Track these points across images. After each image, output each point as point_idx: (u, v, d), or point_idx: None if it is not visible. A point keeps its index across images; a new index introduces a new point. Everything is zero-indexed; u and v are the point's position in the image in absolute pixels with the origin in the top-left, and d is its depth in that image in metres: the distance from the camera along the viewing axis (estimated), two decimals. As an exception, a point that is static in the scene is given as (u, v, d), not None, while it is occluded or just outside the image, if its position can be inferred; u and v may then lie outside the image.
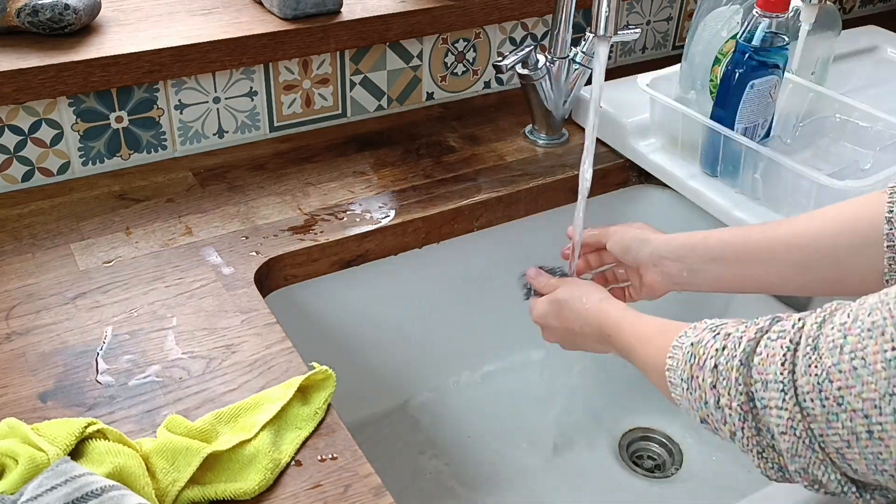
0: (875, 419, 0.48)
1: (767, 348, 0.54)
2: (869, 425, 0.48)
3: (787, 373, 0.52)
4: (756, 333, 0.56)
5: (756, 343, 0.56)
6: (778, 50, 0.92)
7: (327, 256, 0.90)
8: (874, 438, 0.48)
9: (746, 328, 0.57)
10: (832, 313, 0.52)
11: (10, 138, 0.92)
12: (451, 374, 1.12)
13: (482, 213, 0.98)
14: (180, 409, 0.68)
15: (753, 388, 0.54)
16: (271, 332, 0.76)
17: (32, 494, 0.54)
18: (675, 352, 0.62)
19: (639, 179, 1.09)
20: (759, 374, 0.54)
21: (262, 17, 1.01)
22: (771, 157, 0.90)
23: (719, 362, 0.57)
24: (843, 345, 0.50)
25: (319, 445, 0.66)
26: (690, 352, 0.60)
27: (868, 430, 0.48)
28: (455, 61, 1.16)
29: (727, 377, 0.56)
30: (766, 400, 0.53)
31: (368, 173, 1.01)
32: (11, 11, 0.91)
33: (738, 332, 0.58)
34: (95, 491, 0.55)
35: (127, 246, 0.86)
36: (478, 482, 1.02)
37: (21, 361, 0.72)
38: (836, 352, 0.50)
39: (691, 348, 0.60)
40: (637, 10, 1.28)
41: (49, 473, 0.55)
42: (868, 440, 0.49)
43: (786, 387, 0.52)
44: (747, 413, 0.55)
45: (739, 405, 0.55)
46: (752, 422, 0.55)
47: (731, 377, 0.56)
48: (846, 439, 0.50)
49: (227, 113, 1.03)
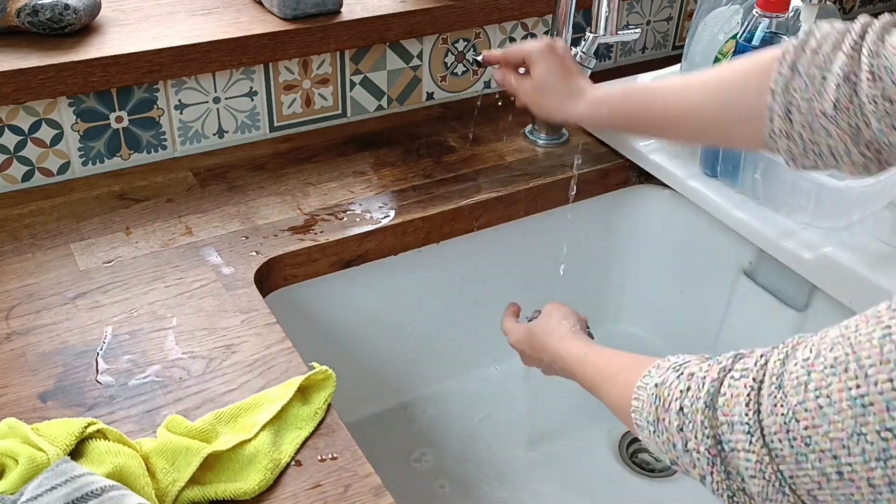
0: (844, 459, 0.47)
1: (731, 388, 0.53)
2: (839, 466, 0.47)
3: (753, 413, 0.51)
4: (719, 373, 0.55)
5: (720, 383, 0.55)
6: (778, 50, 0.92)
7: (327, 256, 0.90)
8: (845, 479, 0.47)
9: (710, 367, 0.57)
10: (794, 348, 0.51)
11: (10, 138, 0.92)
12: (451, 374, 1.12)
13: (482, 213, 0.98)
14: (180, 409, 0.68)
15: (720, 430, 0.53)
16: (271, 332, 0.76)
17: (32, 494, 0.54)
18: (640, 393, 0.61)
19: (639, 179, 1.09)
20: (724, 415, 0.53)
21: (262, 17, 1.01)
22: (771, 156, 0.90)
23: (684, 404, 0.56)
24: (807, 382, 0.48)
25: (319, 445, 0.66)
26: (655, 393, 0.60)
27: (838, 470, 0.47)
28: (455, 61, 1.16)
29: (693, 420, 0.55)
30: (733, 443, 0.53)
31: (368, 173, 1.01)
32: (11, 11, 0.91)
33: (702, 372, 0.57)
34: (95, 491, 0.55)
35: (127, 246, 0.86)
36: (478, 482, 1.02)
37: (21, 361, 0.72)
38: (801, 390, 0.49)
39: (655, 389, 0.60)
40: (637, 10, 1.28)
41: (49, 473, 0.55)
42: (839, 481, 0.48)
43: (752, 428, 0.51)
44: (715, 457, 0.54)
45: (707, 449, 0.54)
46: (721, 465, 0.54)
47: (696, 420, 0.55)
48: (817, 480, 0.49)
49: (227, 113, 1.03)
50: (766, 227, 0.90)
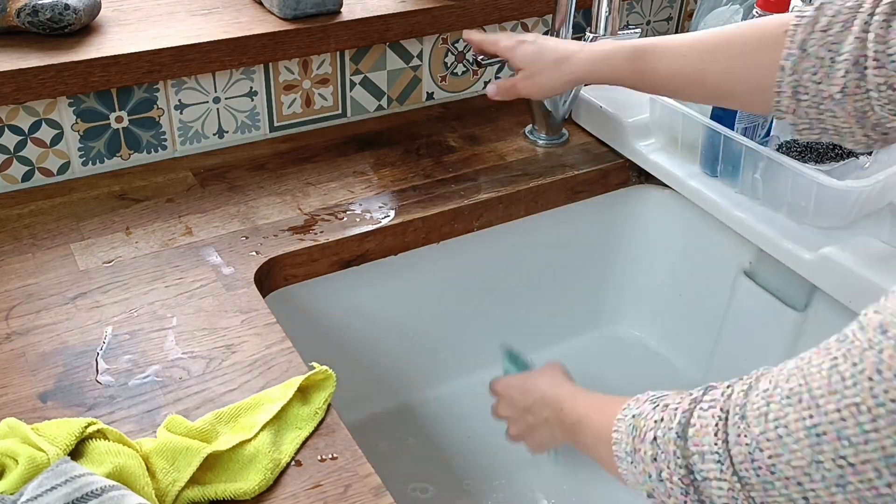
0: (808, 486, 0.48)
1: (701, 419, 0.55)
2: (804, 492, 0.48)
3: (722, 443, 0.52)
4: (690, 404, 0.56)
5: (690, 414, 0.56)
6: (778, 50, 0.92)
7: (327, 256, 0.90)
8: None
9: (682, 398, 0.58)
10: (758, 379, 0.52)
11: (10, 138, 0.92)
12: (451, 374, 1.12)
13: (482, 213, 0.98)
14: (180, 409, 0.68)
15: (691, 460, 0.54)
16: (271, 332, 0.76)
17: (32, 494, 0.54)
18: (620, 424, 0.62)
19: (639, 179, 1.09)
20: (695, 445, 0.54)
21: (262, 17, 1.01)
22: (771, 156, 0.90)
23: (658, 434, 0.57)
24: (767, 412, 0.50)
25: (319, 445, 0.66)
26: (632, 424, 0.60)
27: (804, 496, 0.49)
28: (455, 61, 1.16)
29: (665, 450, 0.56)
30: (705, 472, 0.53)
31: (368, 173, 1.01)
32: (11, 11, 0.91)
33: (675, 403, 0.58)
34: (95, 491, 0.55)
35: (127, 246, 0.86)
36: (478, 482, 1.02)
37: (21, 361, 0.72)
38: (762, 420, 0.50)
39: (633, 420, 0.60)
40: (637, 10, 1.28)
41: (49, 473, 0.55)
42: None
43: (721, 458, 0.52)
44: (689, 486, 0.55)
45: (680, 479, 0.55)
46: (694, 494, 0.55)
47: (669, 450, 0.56)
48: None
49: (227, 113, 1.03)
50: (766, 227, 0.90)
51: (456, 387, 1.12)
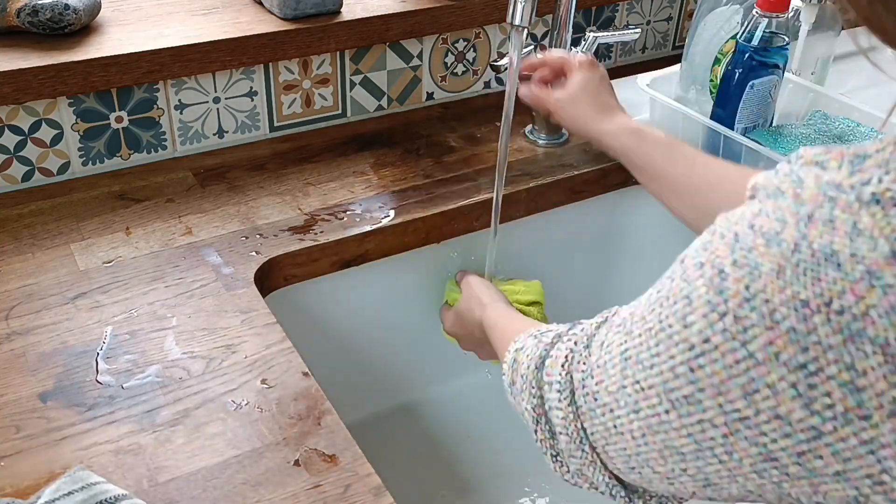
0: (616, 412, 0.48)
1: (557, 350, 0.55)
2: (614, 419, 0.49)
3: (566, 373, 0.53)
4: (554, 338, 0.57)
5: (552, 346, 0.56)
6: (778, 50, 0.92)
7: (327, 256, 0.90)
8: (618, 433, 0.49)
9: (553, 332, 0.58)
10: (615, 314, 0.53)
11: (10, 138, 0.92)
12: (451, 374, 1.12)
13: (482, 213, 0.98)
14: (180, 409, 0.68)
15: (543, 389, 0.55)
16: (271, 332, 0.76)
17: (48, 499, 0.55)
18: (507, 356, 0.63)
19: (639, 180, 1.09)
20: (547, 376, 0.55)
21: (262, 17, 1.01)
22: (771, 156, 0.90)
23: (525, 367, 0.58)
24: (604, 342, 0.50)
25: (319, 445, 0.66)
26: (514, 357, 0.61)
27: (614, 424, 0.49)
28: (455, 61, 1.16)
29: (527, 381, 0.57)
30: (550, 401, 0.54)
31: (368, 173, 1.01)
32: (11, 11, 0.91)
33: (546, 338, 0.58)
34: (109, 500, 0.55)
35: (127, 246, 0.86)
36: (478, 482, 1.02)
37: (21, 361, 0.72)
38: (598, 348, 0.51)
39: (515, 353, 0.61)
40: (637, 10, 1.28)
41: (66, 479, 0.56)
42: (616, 435, 0.49)
43: (563, 386, 0.53)
44: (540, 416, 0.55)
45: (533, 408, 0.56)
46: (544, 424, 0.55)
47: (528, 380, 0.57)
48: (603, 435, 0.50)
49: (227, 113, 1.03)
50: (766, 227, 0.90)
51: (456, 387, 1.12)
